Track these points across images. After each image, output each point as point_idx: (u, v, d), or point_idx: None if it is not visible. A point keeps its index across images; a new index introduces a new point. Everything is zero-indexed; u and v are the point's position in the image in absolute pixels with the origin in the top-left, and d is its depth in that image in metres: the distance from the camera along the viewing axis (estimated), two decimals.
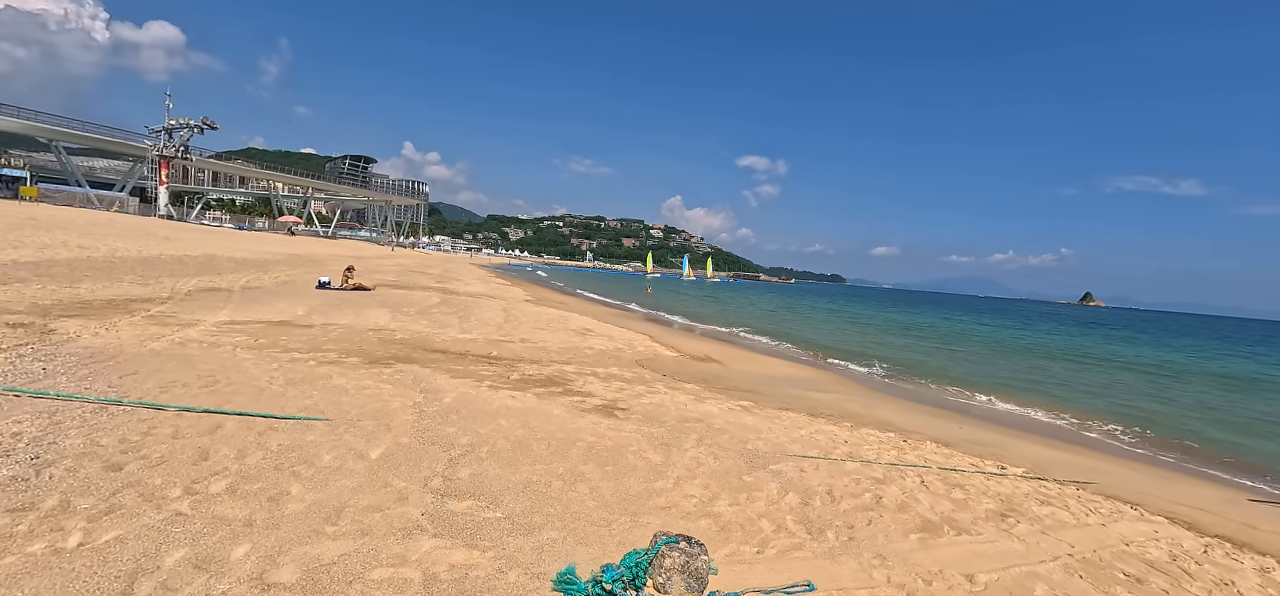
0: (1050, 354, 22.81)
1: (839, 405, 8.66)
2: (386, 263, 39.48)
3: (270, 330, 8.55)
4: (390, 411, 4.85)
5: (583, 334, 12.70)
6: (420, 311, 13.03)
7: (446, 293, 19.38)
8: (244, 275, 17.25)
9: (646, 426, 5.32)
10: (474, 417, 4.94)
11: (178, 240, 24.91)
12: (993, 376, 14.83)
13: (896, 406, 9.31)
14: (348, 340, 8.35)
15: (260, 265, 21.46)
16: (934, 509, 4.16)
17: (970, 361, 18.08)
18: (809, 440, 5.70)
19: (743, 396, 8.05)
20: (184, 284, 13.29)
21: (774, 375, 11.23)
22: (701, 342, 15.38)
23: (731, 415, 6.43)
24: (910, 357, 17.48)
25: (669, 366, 10.08)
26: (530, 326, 12.79)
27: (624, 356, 10.42)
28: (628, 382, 7.68)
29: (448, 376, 6.53)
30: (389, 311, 12.43)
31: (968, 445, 6.84)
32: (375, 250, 66.32)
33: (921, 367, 15.32)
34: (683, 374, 9.50)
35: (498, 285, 29.47)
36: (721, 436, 5.31)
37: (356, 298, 14.55)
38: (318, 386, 5.49)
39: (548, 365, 8.25)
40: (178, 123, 53.79)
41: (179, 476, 3.27)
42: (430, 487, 3.43)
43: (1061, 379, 15.24)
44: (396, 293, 17.21)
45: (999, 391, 12.38)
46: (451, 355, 8.08)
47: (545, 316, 15.53)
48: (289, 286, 15.76)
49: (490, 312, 14.53)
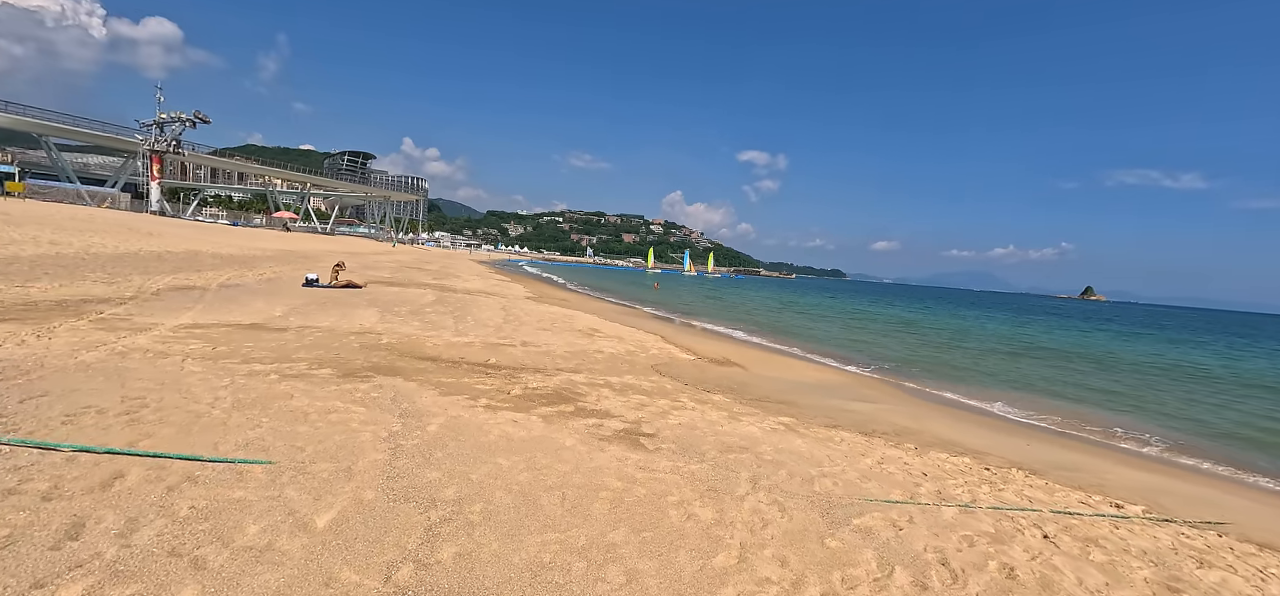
0: (1074, 353, 21.72)
1: (886, 417, 7.58)
2: (383, 259, 38.38)
3: (236, 335, 7.47)
4: (357, 447, 3.77)
5: (590, 335, 11.62)
6: (412, 311, 11.95)
7: (443, 290, 18.30)
8: (226, 272, 16.17)
9: (685, 461, 4.23)
10: (465, 454, 3.86)
11: (162, 236, 23.81)
12: (1026, 380, 13.75)
13: (948, 418, 8.23)
14: (325, 346, 7.27)
15: (246, 261, 20.36)
16: (1084, 583, 3.08)
17: (996, 361, 16.99)
18: (880, 473, 4.62)
19: (780, 410, 6.97)
20: (155, 282, 12.20)
21: (802, 380, 10.16)
22: (717, 343, 14.30)
23: (778, 437, 5.35)
24: (933, 357, 16.40)
25: (688, 372, 9.00)
26: (532, 327, 11.71)
27: (638, 361, 9.34)
28: (648, 395, 6.60)
29: (436, 392, 5.45)
30: (378, 311, 11.34)
31: (1055, 470, 5.76)
32: (373, 246, 65.20)
33: (949, 369, 14.25)
34: (705, 381, 8.43)
35: (497, 281, 28.39)
36: (778, 473, 4.23)
37: (345, 296, 13.46)
38: (272, 410, 4.41)
39: (554, 374, 7.17)
40: (169, 116, 52.57)
41: (21, 571, 2.20)
42: (396, 583, 2.35)
43: (1102, 385, 14.14)
44: (389, 290, 16.12)
45: (1040, 396, 11.31)
46: (443, 364, 7.00)
47: (548, 315, 14.45)
48: (273, 284, 14.68)
49: (489, 312, 13.44)
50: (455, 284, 22.05)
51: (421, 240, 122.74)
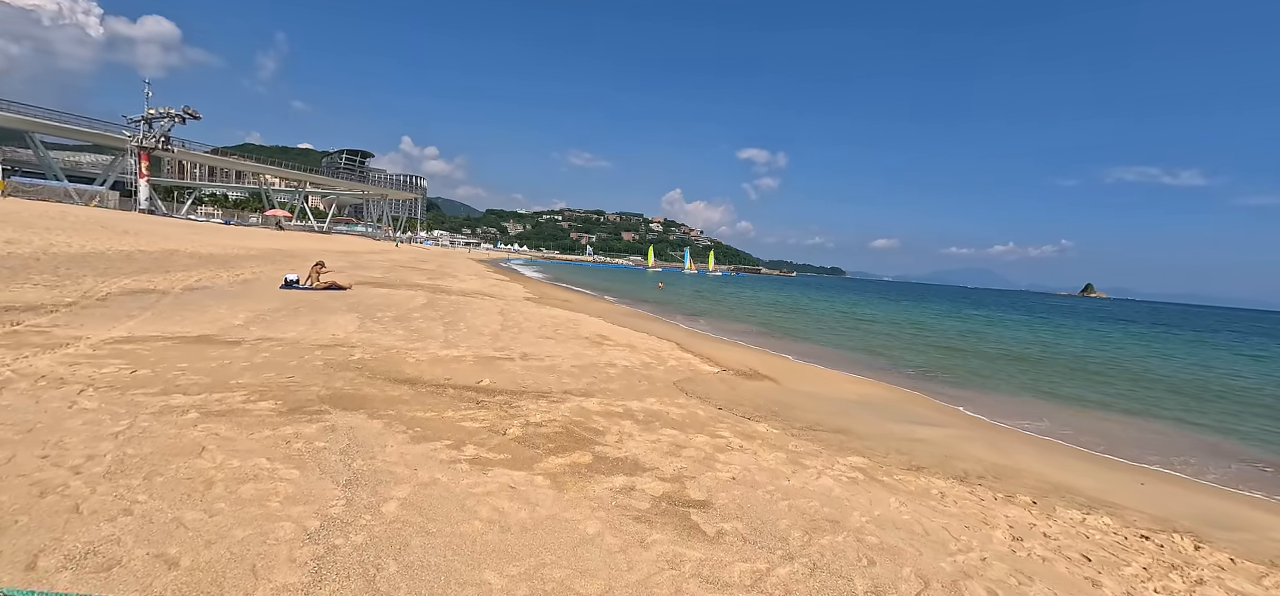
0: (1111, 363, 20.40)
1: (965, 449, 6.24)
2: (377, 258, 37.02)
3: (172, 352, 6.11)
4: (263, 557, 2.40)
5: (598, 343, 10.27)
6: (398, 317, 10.58)
7: (436, 291, 16.93)
8: (198, 273, 14.80)
9: (764, 558, 2.87)
10: (435, 559, 2.50)
11: (139, 235, 22.43)
12: (1078, 394, 12.41)
13: (1038, 450, 6.88)
14: (279, 366, 5.91)
15: (227, 261, 18.99)
16: None
17: (1035, 370, 15.66)
18: (1030, 562, 3.27)
19: (842, 443, 5.62)
20: (108, 285, 10.83)
21: (842, 396, 8.80)
22: (736, 350, 12.94)
23: (865, 496, 3.99)
24: (964, 365, 15.07)
25: (718, 390, 7.65)
26: (533, 335, 10.35)
27: (657, 377, 7.99)
28: (680, 428, 5.24)
29: (406, 437, 4.08)
30: (358, 317, 9.98)
31: (1217, 532, 4.42)
32: (368, 245, 63.78)
33: (978, 378, 12.94)
34: (740, 401, 7.08)
35: (495, 281, 27.03)
36: (900, 572, 2.88)
37: (325, 299, 12.09)
38: (163, 477, 3.05)
39: (561, 400, 5.81)
40: (157, 112, 51.08)
41: None
42: None
43: (1183, 406, 12.73)
44: (377, 292, 14.76)
45: (1110, 415, 9.98)
46: (424, 389, 5.63)
47: (550, 320, 13.09)
48: (248, 286, 13.32)
49: (484, 316, 12.07)
50: (450, 285, 20.69)
51: (419, 239, 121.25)
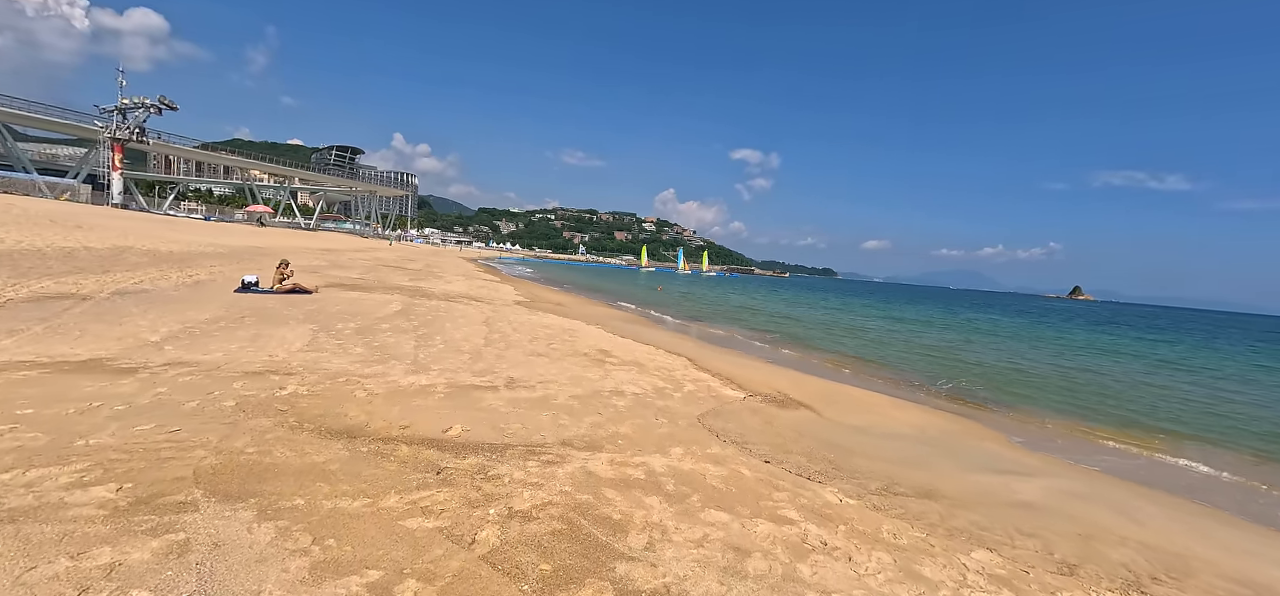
0: (1158, 369, 19.10)
1: (1100, 522, 4.73)
2: (361, 256, 35.20)
3: (31, 386, 4.48)
4: None
5: (600, 361, 8.71)
6: (361, 329, 8.94)
7: (416, 295, 15.27)
8: (145, 273, 13.06)
9: None
10: None
11: (95, 230, 20.55)
12: (1125, 416, 11.02)
13: (1167, 513, 5.39)
14: (168, 410, 4.29)
15: (185, 260, 17.22)
16: None
17: (1079, 381, 14.29)
18: None
19: (948, 523, 4.10)
20: (18, 288, 9.12)
21: (900, 431, 7.30)
22: (754, 366, 11.41)
23: None
24: (990, 378, 13.67)
25: (753, 428, 6.12)
26: (523, 350, 8.76)
27: (676, 408, 6.45)
28: (729, 506, 3.69)
29: (303, 567, 2.49)
30: (312, 330, 8.34)
31: None
32: (355, 243, 61.71)
33: (1024, 394, 11.54)
34: (785, 445, 5.55)
35: (484, 283, 25.36)
36: None
37: (282, 306, 10.43)
38: None
39: (559, 458, 4.24)
40: (132, 102, 48.76)
41: None
42: None
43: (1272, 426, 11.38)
44: (347, 296, 13.08)
45: (1199, 445, 8.56)
46: (366, 446, 4.04)
47: (542, 330, 11.50)
48: (197, 289, 11.63)
49: (467, 327, 10.46)
50: (434, 286, 19.02)
51: (409, 237, 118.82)
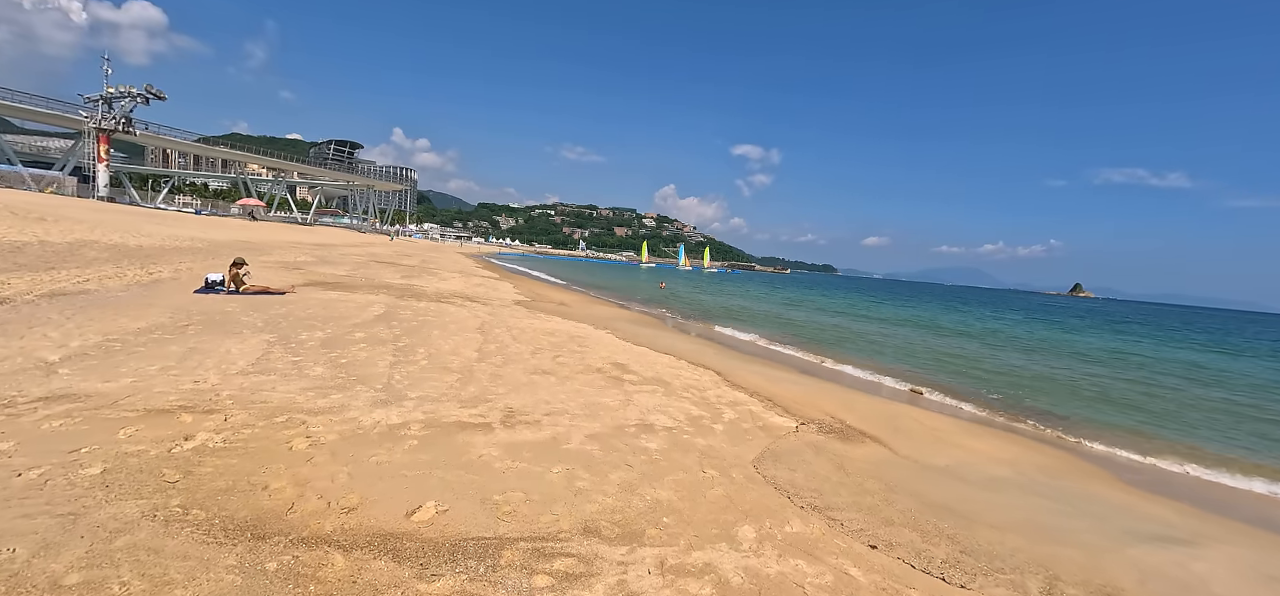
0: (1228, 378, 17.65)
1: None
2: (354, 252, 33.67)
3: None
4: None
5: (617, 379, 7.23)
6: (329, 340, 7.44)
7: (405, 295, 13.77)
8: (97, 270, 11.57)
9: None
10: None
11: (59, 223, 19.00)
12: (1231, 438, 9.56)
13: None
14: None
15: (151, 255, 15.71)
16: None
17: (1150, 393, 12.83)
18: None
19: None
20: None
21: (991, 471, 5.82)
22: (794, 380, 9.92)
23: None
24: (1038, 386, 12.22)
25: (822, 475, 4.66)
26: (524, 366, 7.27)
27: (721, 447, 4.98)
28: None
29: None
30: (267, 343, 6.85)
31: None
32: (351, 237, 60.13)
33: (1101, 409, 10.09)
34: (873, 501, 4.08)
35: (482, 281, 23.86)
36: None
37: (239, 311, 8.92)
38: None
39: (586, 565, 2.76)
40: (118, 91, 47.09)
41: None
42: None
43: None
44: (324, 297, 11.58)
45: None
46: (269, 566, 2.53)
47: (546, 337, 10.01)
48: (150, 290, 10.14)
49: (458, 335, 8.96)
50: (426, 285, 17.53)
51: (408, 232, 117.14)
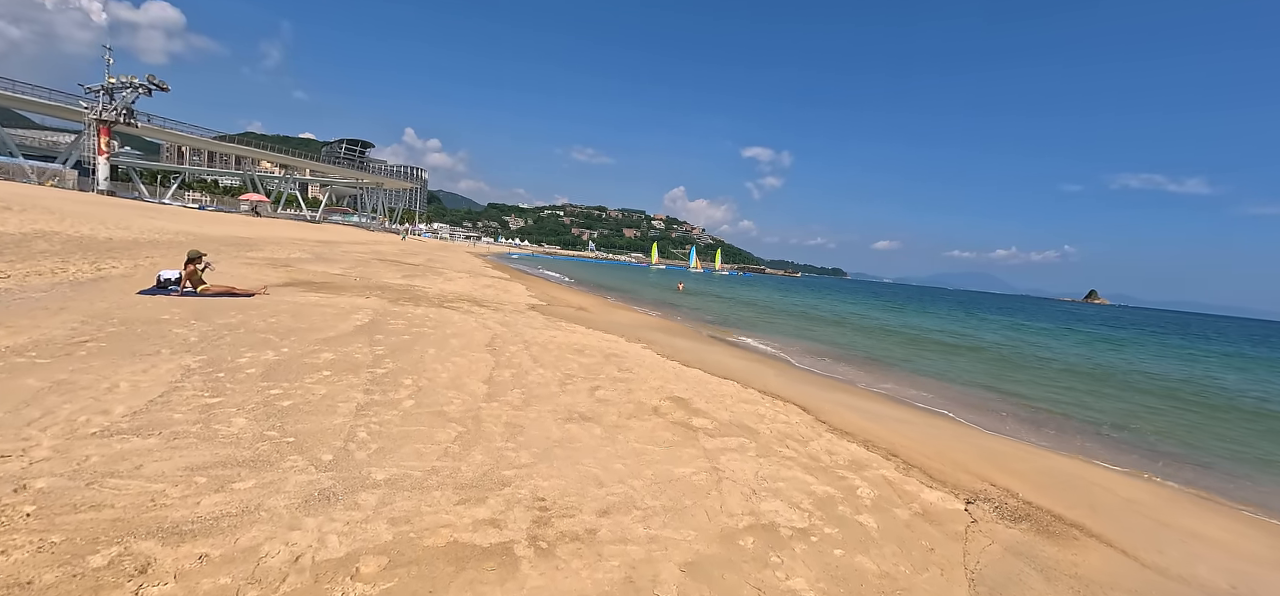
0: None
1: None
2: (358, 249, 31.78)
3: None
4: None
5: (685, 425, 5.05)
6: (278, 365, 5.29)
7: (401, 298, 11.66)
8: (32, 265, 9.56)
9: None
10: None
11: (26, 213, 17.15)
12: None
13: None
14: None
15: (117, 249, 13.75)
16: None
17: (1233, 425, 10.49)
18: None
19: None
20: None
21: (1246, 566, 3.60)
22: (901, 419, 7.69)
23: None
24: (1137, 411, 9.96)
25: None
26: (554, 409, 5.10)
27: (897, 572, 2.81)
28: None
29: None
30: (184, 370, 4.73)
31: None
32: (358, 235, 58.46)
33: (1248, 445, 7.81)
34: None
35: (492, 282, 21.78)
36: None
37: (178, 318, 6.80)
38: None
39: None
40: (119, 81, 45.66)
41: None
42: None
43: None
44: (300, 300, 9.47)
45: None
46: None
47: (575, 353, 7.84)
48: (84, 288, 8.09)
49: (463, 353, 6.80)
50: (428, 285, 15.45)
51: (418, 231, 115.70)
